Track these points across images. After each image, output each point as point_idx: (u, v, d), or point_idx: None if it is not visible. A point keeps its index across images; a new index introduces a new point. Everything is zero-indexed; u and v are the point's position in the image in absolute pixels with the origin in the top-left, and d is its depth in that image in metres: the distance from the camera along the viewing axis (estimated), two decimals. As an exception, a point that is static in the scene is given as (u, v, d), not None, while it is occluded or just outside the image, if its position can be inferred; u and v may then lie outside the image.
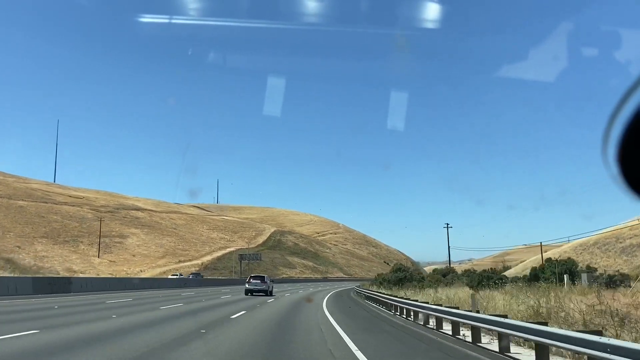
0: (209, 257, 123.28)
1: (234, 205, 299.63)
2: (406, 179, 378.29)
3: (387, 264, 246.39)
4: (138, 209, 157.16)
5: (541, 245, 73.31)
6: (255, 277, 43.60)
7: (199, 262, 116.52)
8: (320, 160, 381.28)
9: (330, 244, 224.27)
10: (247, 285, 41.35)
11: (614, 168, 2.07)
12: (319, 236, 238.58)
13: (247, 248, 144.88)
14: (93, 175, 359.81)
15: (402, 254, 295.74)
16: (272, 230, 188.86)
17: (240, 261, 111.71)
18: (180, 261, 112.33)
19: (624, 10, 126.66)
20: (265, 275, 46.66)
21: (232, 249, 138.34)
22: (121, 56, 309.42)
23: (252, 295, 38.79)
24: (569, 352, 9.18)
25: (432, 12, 24.92)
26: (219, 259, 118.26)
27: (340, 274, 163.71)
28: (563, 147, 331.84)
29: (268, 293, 40.91)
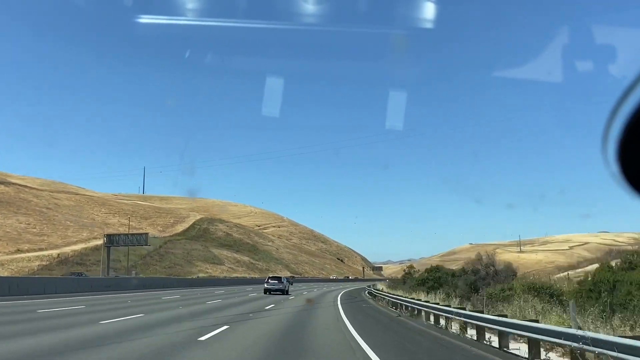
0: (81, 246, 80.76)
1: (161, 196, 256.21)
2: (402, 182, 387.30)
3: (341, 261, 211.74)
4: (3, 182, 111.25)
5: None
6: (273, 278, 45.74)
7: (57, 252, 73.97)
8: (320, 160, 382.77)
9: (274, 236, 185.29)
10: (265, 285, 43.66)
11: (613, 166, 2.06)
12: (260, 229, 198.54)
13: (158, 237, 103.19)
14: (90, 172, 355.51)
15: (356, 252, 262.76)
16: (198, 217, 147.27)
17: (108, 248, 68.82)
18: (19, 250, 69.66)
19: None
20: (282, 276, 49.39)
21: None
22: (119, 56, 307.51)
23: (270, 294, 40.19)
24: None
25: (430, 12, 23.01)
26: (97, 248, 75.98)
27: (287, 272, 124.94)
28: (554, 149, 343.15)
29: (284, 292, 42.23)
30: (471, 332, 13.90)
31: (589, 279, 22.53)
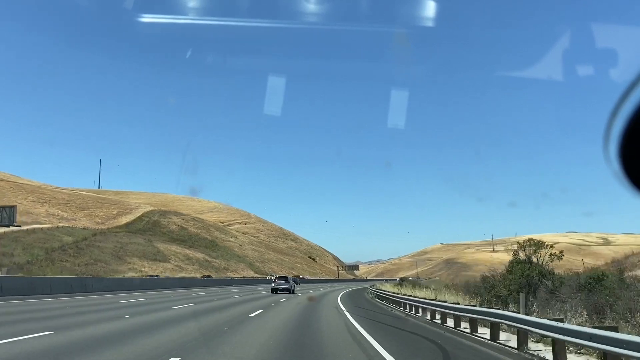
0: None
1: (116, 190, 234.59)
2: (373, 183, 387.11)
3: (313, 259, 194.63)
4: None
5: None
6: (280, 278, 47.71)
7: None
8: (319, 159, 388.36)
9: (239, 232, 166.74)
10: (273, 285, 44.76)
11: (615, 164, 2.08)
12: (224, 225, 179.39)
13: (88, 229, 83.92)
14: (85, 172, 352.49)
15: (328, 251, 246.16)
16: (149, 209, 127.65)
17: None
18: None
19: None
20: (289, 276, 52.03)
21: (45, 225, 76.63)
22: (120, 56, 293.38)
23: (276, 293, 41.05)
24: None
25: (432, 10, 22.71)
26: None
27: (250, 272, 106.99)
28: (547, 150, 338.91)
29: (291, 292, 43.20)
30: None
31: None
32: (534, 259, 30.17)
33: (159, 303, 23.97)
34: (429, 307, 19.00)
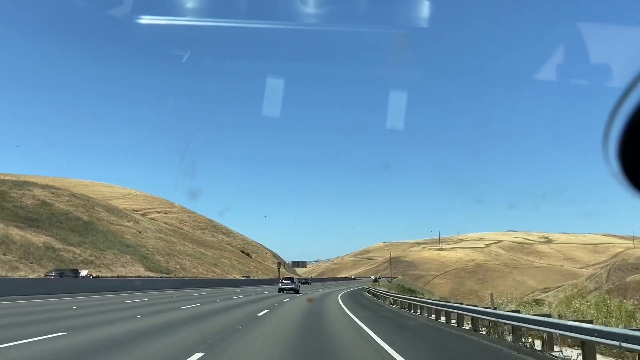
0: None
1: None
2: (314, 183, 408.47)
3: (248, 255, 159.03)
4: None
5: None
6: (286, 279, 50.21)
7: None
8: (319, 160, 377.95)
9: (148, 219, 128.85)
10: (280, 285, 47.15)
11: (614, 165, 2.09)
12: (136, 213, 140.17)
13: None
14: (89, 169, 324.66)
15: (267, 248, 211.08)
16: None
17: None
18: None
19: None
20: (295, 277, 58.08)
21: None
22: (119, 57, 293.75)
23: (283, 292, 42.98)
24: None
25: (430, 13, 25.60)
26: None
27: (139, 268, 69.78)
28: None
29: (297, 291, 45.19)
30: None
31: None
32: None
33: None
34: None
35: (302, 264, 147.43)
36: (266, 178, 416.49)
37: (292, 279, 49.26)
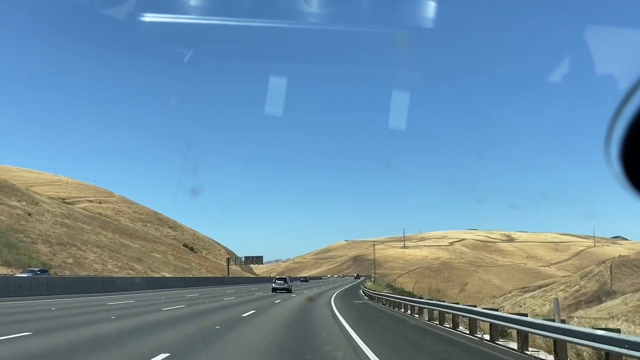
0: None
1: None
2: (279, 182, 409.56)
3: (192, 250, 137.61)
4: None
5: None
6: (279, 279, 52.35)
7: None
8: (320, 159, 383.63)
9: (61, 202, 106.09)
10: (273, 285, 49.05)
11: (616, 167, 2.11)
12: (63, 202, 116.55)
13: None
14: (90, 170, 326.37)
15: (221, 244, 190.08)
16: None
17: None
18: None
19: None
20: (287, 277, 55.21)
21: None
22: (121, 56, 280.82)
23: (276, 292, 44.63)
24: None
25: (433, 13, 26.56)
26: None
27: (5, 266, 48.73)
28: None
29: (289, 291, 46.71)
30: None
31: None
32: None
33: None
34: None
35: (258, 260, 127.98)
36: (266, 178, 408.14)
37: (284, 279, 50.95)
